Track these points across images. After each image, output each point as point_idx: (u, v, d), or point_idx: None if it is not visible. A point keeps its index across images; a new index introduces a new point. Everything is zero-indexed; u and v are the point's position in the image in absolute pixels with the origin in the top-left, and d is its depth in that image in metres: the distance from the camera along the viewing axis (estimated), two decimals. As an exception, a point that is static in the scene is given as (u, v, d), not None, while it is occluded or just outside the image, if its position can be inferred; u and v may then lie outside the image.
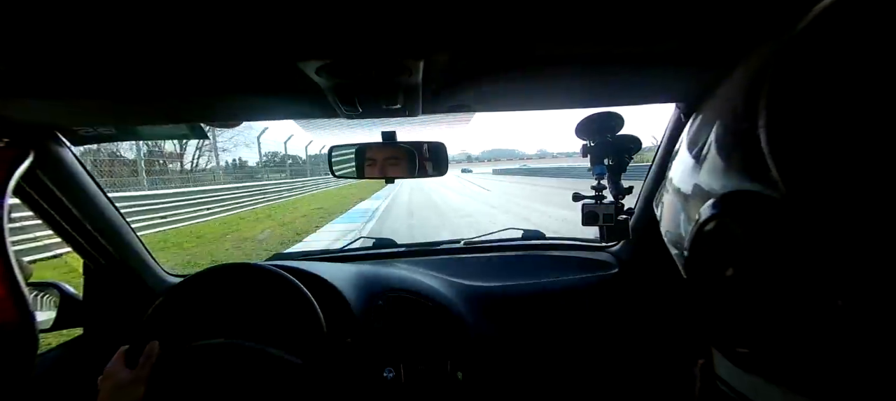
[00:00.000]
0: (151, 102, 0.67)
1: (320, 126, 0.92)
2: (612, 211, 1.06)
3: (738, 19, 0.50)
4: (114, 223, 1.01)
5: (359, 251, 1.39)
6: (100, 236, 0.97)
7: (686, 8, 0.45)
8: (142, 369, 0.78)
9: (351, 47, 0.50)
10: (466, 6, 0.43)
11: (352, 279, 1.08)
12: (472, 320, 1.08)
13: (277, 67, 0.55)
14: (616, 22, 0.49)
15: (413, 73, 0.56)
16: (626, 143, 1.02)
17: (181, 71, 0.56)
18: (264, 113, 0.79)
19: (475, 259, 1.32)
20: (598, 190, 1.07)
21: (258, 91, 0.63)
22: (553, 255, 1.35)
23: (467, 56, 0.57)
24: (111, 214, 1.00)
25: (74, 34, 0.45)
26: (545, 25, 0.49)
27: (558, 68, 0.61)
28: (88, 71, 0.55)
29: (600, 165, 1.04)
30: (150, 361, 0.79)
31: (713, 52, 0.59)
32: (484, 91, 0.69)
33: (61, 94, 0.59)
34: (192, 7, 0.41)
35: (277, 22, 0.45)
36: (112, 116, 0.79)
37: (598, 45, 0.55)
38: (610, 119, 0.99)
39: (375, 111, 0.73)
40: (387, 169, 0.98)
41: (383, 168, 0.98)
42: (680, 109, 0.91)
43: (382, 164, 0.99)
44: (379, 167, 0.98)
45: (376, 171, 0.98)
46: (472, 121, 0.97)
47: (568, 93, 0.75)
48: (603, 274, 1.24)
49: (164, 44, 0.48)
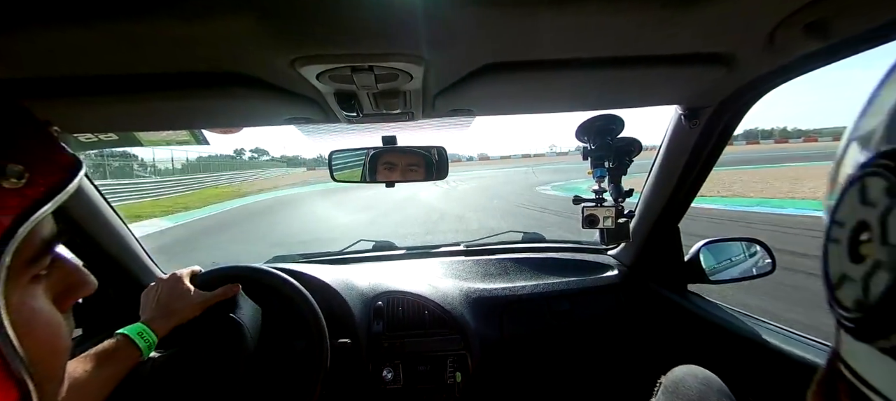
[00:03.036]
0: (152, 107, 0.68)
1: (320, 130, 0.92)
2: (613, 214, 1.06)
3: (737, 20, 0.50)
4: (112, 225, 1.01)
5: (358, 253, 1.38)
6: (98, 238, 0.97)
7: (686, 10, 0.45)
8: (206, 298, 0.81)
9: (351, 52, 0.50)
10: (467, 11, 0.43)
11: (351, 281, 1.08)
12: (471, 321, 1.08)
13: (278, 73, 0.55)
14: (616, 26, 0.49)
15: (414, 77, 0.56)
16: (626, 145, 1.02)
17: (182, 76, 0.57)
18: (265, 119, 0.79)
19: (475, 261, 1.32)
20: (599, 193, 1.07)
21: (259, 97, 0.63)
22: (553, 257, 1.35)
23: (468, 60, 0.57)
24: (109, 215, 1.00)
25: (75, 37, 0.45)
26: (546, 29, 0.49)
27: (559, 72, 0.61)
28: (89, 76, 0.55)
29: (601, 167, 1.04)
30: (217, 297, 0.82)
31: (713, 53, 0.59)
32: (485, 95, 0.69)
33: (61, 98, 0.59)
34: (194, 12, 0.42)
35: (278, 28, 0.45)
36: (113, 123, 0.79)
37: (599, 49, 0.55)
38: (610, 122, 0.99)
39: (376, 116, 0.73)
40: (387, 173, 0.99)
41: (384, 172, 0.99)
42: (680, 111, 0.91)
43: (383, 168, 0.99)
44: (379, 172, 0.99)
45: (376, 175, 0.99)
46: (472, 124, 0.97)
47: (569, 96, 0.75)
48: (603, 277, 1.24)
49: (165, 49, 0.49)
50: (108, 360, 0.64)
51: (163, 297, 0.79)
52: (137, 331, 0.70)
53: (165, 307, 0.77)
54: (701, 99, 0.83)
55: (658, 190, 1.08)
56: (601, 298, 1.19)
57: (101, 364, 0.63)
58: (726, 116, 0.86)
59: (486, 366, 1.05)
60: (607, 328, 1.17)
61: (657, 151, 1.05)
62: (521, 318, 1.14)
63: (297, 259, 1.29)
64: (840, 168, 0.24)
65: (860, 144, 0.22)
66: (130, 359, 0.67)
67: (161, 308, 0.77)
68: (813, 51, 0.57)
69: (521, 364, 1.13)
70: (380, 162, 0.98)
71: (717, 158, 0.96)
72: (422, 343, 1.03)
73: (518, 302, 1.16)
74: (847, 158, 0.23)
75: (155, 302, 0.79)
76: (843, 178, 0.22)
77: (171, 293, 0.79)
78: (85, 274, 0.36)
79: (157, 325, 0.73)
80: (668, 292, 1.13)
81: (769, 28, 0.52)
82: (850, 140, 0.24)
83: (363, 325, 1.00)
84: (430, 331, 1.04)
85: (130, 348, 0.67)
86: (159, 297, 0.79)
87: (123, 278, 1.05)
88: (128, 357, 0.67)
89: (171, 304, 0.78)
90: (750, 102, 0.81)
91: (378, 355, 1.00)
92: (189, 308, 0.79)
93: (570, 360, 1.17)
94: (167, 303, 0.78)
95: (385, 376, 0.98)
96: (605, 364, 1.19)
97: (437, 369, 1.01)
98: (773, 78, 0.70)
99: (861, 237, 0.20)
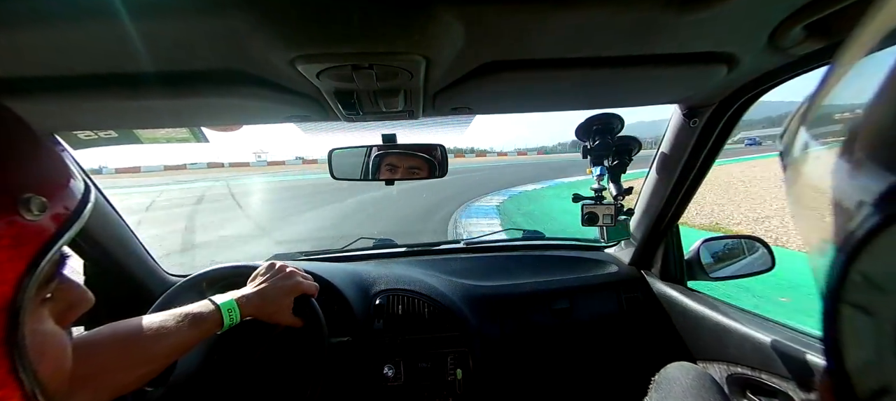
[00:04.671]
0: (152, 105, 0.67)
1: (319, 128, 0.92)
2: (612, 212, 1.06)
3: (738, 20, 0.50)
4: (114, 225, 1.01)
5: (359, 251, 1.39)
6: (99, 238, 0.97)
7: (686, 10, 0.45)
8: (286, 322, 0.81)
9: (352, 51, 0.50)
10: (469, 9, 0.43)
11: (352, 278, 1.08)
12: (471, 318, 1.08)
13: (278, 71, 0.55)
14: (616, 25, 0.49)
15: (415, 76, 0.56)
16: (626, 144, 1.02)
17: (182, 74, 0.56)
18: (265, 116, 0.79)
19: (475, 259, 1.32)
20: (598, 191, 1.07)
21: (259, 95, 0.63)
22: (553, 255, 1.35)
23: (470, 59, 0.57)
24: (111, 215, 1.00)
25: (74, 35, 0.45)
26: (547, 29, 0.49)
27: (560, 71, 0.61)
28: (89, 73, 0.55)
29: (601, 166, 1.04)
30: (291, 323, 0.81)
31: (714, 53, 0.59)
32: (485, 93, 0.69)
33: (61, 95, 0.59)
34: (195, 11, 0.41)
35: (279, 27, 0.45)
36: (113, 120, 0.79)
37: (600, 49, 0.55)
38: (610, 120, 0.99)
39: (376, 114, 0.73)
40: (387, 172, 0.99)
41: (384, 171, 0.99)
42: (681, 110, 0.91)
43: (383, 166, 0.99)
44: (379, 170, 0.99)
45: (377, 173, 0.99)
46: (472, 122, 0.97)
47: (569, 94, 0.75)
48: (603, 274, 1.25)
49: (165, 47, 0.48)
50: (197, 323, 0.66)
51: (267, 290, 0.78)
52: (228, 307, 0.71)
53: (261, 299, 0.77)
54: (701, 98, 0.83)
55: (658, 188, 1.08)
56: (601, 296, 1.20)
57: (192, 324, 0.65)
58: (726, 115, 0.86)
59: (487, 363, 1.05)
60: (607, 325, 1.17)
61: (657, 149, 1.05)
62: (521, 315, 1.15)
63: (298, 257, 1.29)
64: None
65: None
66: (214, 327, 0.69)
67: (257, 296, 0.77)
68: (814, 50, 0.57)
69: (521, 361, 1.14)
70: (380, 160, 0.98)
71: (716, 156, 0.96)
72: (422, 340, 1.03)
73: (518, 299, 1.16)
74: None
75: (257, 288, 0.78)
76: (851, 200, 0.16)
77: (274, 293, 0.79)
78: (84, 291, 0.36)
79: (245, 308, 0.74)
80: (668, 289, 1.13)
81: (770, 27, 0.52)
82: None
83: (364, 322, 1.01)
84: (431, 328, 1.05)
85: (216, 318, 0.69)
86: (265, 289, 0.79)
87: (124, 280, 1.06)
88: (213, 325, 0.69)
89: (266, 302, 0.77)
90: (750, 101, 0.81)
91: (379, 352, 1.01)
92: (270, 315, 0.78)
93: (569, 357, 1.18)
94: (266, 297, 0.78)
95: (386, 373, 0.99)
96: (605, 361, 1.20)
97: (437, 366, 1.02)
98: (774, 77, 0.70)
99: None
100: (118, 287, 1.05)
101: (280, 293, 0.79)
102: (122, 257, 1.04)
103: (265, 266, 0.84)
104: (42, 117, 0.69)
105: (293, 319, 0.81)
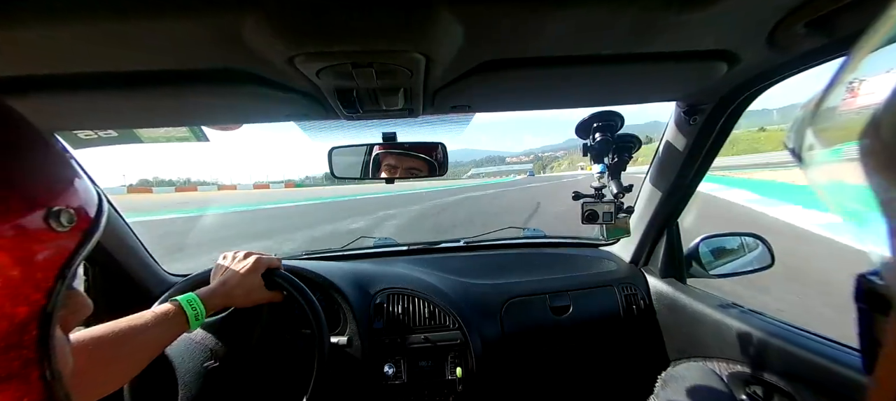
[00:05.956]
0: (152, 104, 0.67)
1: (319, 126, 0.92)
2: (613, 209, 1.06)
3: (738, 17, 0.50)
4: (113, 224, 1.01)
5: (360, 250, 1.39)
6: (101, 239, 0.96)
7: (687, 7, 0.45)
8: (261, 297, 0.83)
9: (352, 49, 0.50)
10: (469, 7, 0.43)
11: (353, 278, 1.08)
12: (471, 317, 1.08)
13: (278, 69, 0.55)
14: (617, 23, 0.49)
15: (414, 73, 0.56)
16: (626, 141, 1.02)
17: (181, 73, 0.56)
18: (265, 115, 0.79)
19: (475, 257, 1.32)
20: (598, 189, 1.07)
21: (259, 93, 0.63)
22: (553, 253, 1.35)
23: (469, 57, 0.56)
24: (110, 215, 1.00)
25: (74, 33, 0.45)
26: (547, 27, 0.49)
27: (560, 68, 0.61)
28: (89, 73, 0.55)
29: (601, 163, 1.04)
30: (267, 299, 0.84)
31: (714, 50, 0.59)
32: (485, 91, 0.69)
33: (60, 95, 0.59)
34: (195, 9, 0.41)
35: (279, 25, 0.44)
36: (113, 119, 0.79)
37: (600, 46, 0.55)
38: (610, 118, 0.99)
39: (377, 112, 0.73)
40: (388, 171, 0.98)
41: (384, 170, 0.98)
42: (680, 107, 0.91)
43: (383, 166, 0.99)
44: (380, 169, 0.98)
45: (378, 173, 0.98)
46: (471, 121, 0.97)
47: (569, 92, 0.75)
48: (603, 272, 1.25)
49: (164, 46, 0.48)
50: (159, 322, 0.66)
51: (228, 277, 0.80)
52: (188, 300, 0.72)
53: (224, 286, 0.78)
54: (701, 95, 0.83)
55: (658, 185, 1.08)
56: (601, 293, 1.20)
57: (154, 323, 0.65)
58: (726, 112, 0.86)
59: (487, 361, 1.05)
60: (607, 323, 1.18)
61: (657, 147, 1.05)
62: (521, 313, 1.15)
63: (300, 257, 1.29)
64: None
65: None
66: (179, 326, 0.69)
67: (220, 285, 0.78)
68: (814, 47, 0.57)
69: (521, 359, 1.14)
70: (380, 159, 0.98)
71: (716, 153, 0.96)
72: (423, 339, 1.03)
73: (518, 297, 1.16)
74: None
75: (219, 277, 0.80)
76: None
77: (237, 277, 0.80)
78: (86, 298, 0.37)
79: (210, 300, 0.75)
80: (667, 287, 1.13)
81: (770, 25, 0.52)
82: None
83: (364, 321, 1.01)
84: (431, 327, 1.05)
85: (180, 315, 0.69)
86: (226, 276, 0.80)
87: (124, 279, 1.06)
88: (177, 324, 0.69)
89: (231, 287, 0.79)
90: (750, 99, 0.81)
91: (379, 351, 1.01)
92: (243, 298, 0.80)
93: (569, 354, 1.18)
94: (228, 283, 0.79)
95: (386, 372, 0.99)
96: (605, 359, 1.20)
97: (438, 365, 1.02)
98: (774, 74, 0.70)
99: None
100: (119, 287, 1.05)
101: (242, 275, 0.80)
102: (123, 258, 1.04)
103: (221, 258, 0.85)
104: (42, 117, 0.69)
105: (269, 294, 0.83)
